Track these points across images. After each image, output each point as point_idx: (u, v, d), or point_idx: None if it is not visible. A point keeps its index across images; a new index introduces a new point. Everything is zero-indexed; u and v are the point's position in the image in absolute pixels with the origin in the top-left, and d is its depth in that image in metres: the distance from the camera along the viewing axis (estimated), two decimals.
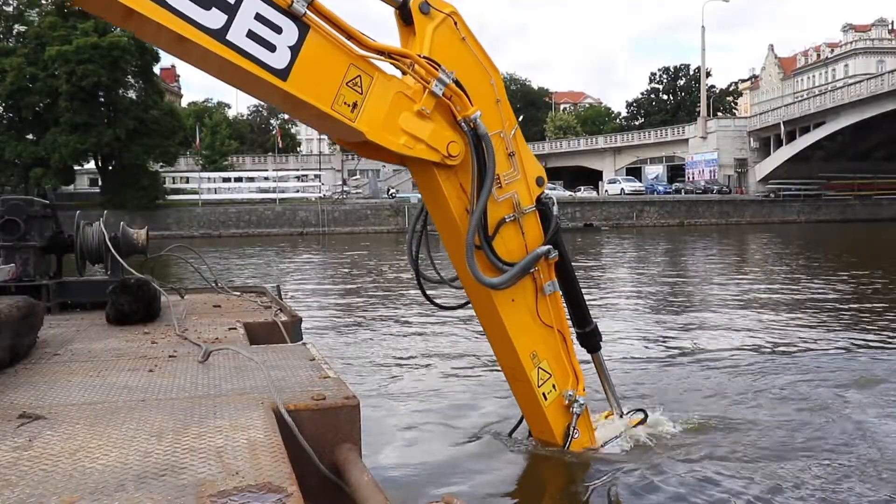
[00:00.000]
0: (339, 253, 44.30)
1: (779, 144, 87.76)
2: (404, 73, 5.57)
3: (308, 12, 5.00)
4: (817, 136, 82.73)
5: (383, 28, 6.48)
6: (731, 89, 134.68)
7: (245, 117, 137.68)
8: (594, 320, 7.47)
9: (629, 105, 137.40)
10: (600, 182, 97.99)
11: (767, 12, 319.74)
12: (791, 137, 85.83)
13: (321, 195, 78.35)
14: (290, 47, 5.00)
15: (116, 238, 7.15)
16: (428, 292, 7.12)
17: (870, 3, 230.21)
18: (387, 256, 40.68)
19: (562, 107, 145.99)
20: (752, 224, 78.54)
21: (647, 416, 7.96)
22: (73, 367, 4.57)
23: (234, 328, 5.94)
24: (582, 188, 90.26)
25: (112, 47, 61.61)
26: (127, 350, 5.10)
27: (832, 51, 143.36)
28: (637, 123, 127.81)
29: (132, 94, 68.84)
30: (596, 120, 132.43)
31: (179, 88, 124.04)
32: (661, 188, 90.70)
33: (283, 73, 4.98)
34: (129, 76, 68.00)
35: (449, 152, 5.73)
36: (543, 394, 6.86)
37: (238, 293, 8.23)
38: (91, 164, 72.76)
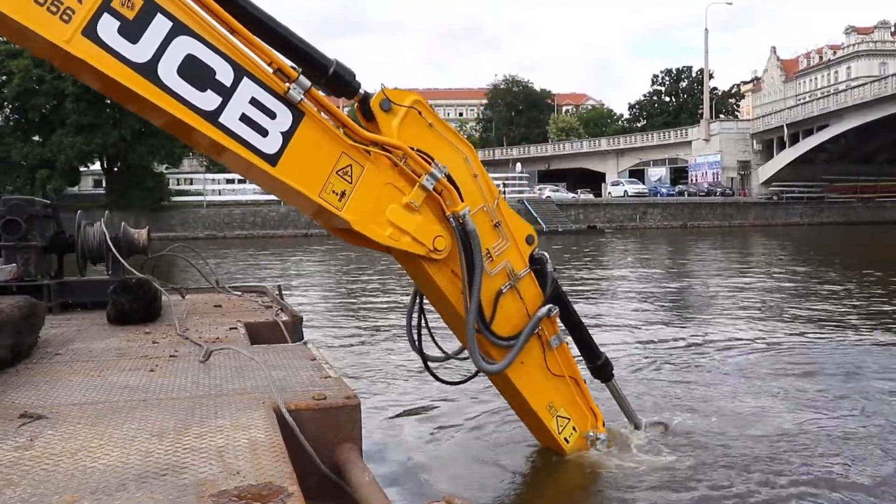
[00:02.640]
0: (343, 254, 44.31)
1: (782, 147, 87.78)
2: (395, 165, 5.50)
3: (304, 99, 4.96)
4: (820, 138, 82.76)
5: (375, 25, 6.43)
6: (733, 91, 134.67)
7: None
8: (602, 352, 7.47)
9: (631, 107, 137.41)
10: (603, 184, 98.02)
11: (769, 14, 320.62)
12: (794, 140, 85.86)
13: None
14: (282, 133, 4.95)
15: (117, 238, 7.15)
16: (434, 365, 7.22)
17: (872, 5, 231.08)
18: (388, 259, 40.61)
19: (564, 108, 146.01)
20: (755, 226, 78.52)
21: (666, 428, 8.00)
22: (75, 366, 4.57)
23: (235, 328, 5.94)
24: (579, 191, 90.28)
25: None
26: (128, 350, 5.11)
27: (834, 53, 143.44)
28: (639, 125, 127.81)
29: None
30: (598, 122, 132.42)
31: None
32: (664, 190, 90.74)
33: (273, 159, 4.93)
34: None
35: (435, 246, 5.68)
36: (565, 438, 6.95)
37: (239, 293, 8.23)
38: (96, 166, 72.94)
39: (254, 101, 4.84)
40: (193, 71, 4.61)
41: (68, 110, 63.14)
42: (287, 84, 4.88)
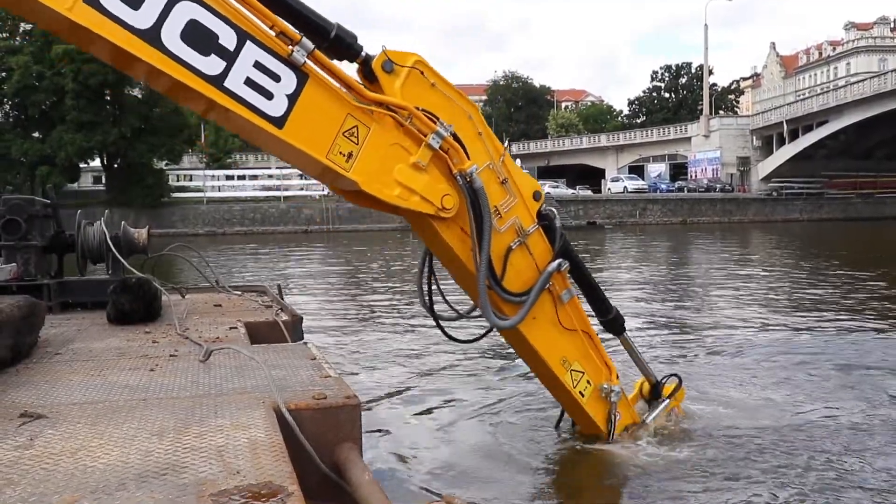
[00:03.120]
0: (343, 251, 44.32)
1: (781, 143, 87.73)
2: (401, 125, 5.54)
3: (307, 61, 5.00)
4: (820, 134, 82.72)
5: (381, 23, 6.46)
6: (732, 87, 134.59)
7: None
8: (613, 306, 7.58)
9: (631, 103, 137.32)
10: (603, 180, 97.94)
11: (768, 10, 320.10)
12: (794, 136, 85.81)
13: (325, 193, 78.36)
14: (287, 96, 4.99)
15: (117, 237, 7.15)
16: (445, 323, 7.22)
17: (871, 1, 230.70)
18: (389, 255, 40.69)
19: (563, 104, 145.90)
20: (754, 222, 78.50)
21: (681, 381, 8.11)
22: (75, 366, 4.58)
23: (235, 327, 5.95)
24: (578, 187, 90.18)
25: None
26: (128, 349, 5.11)
27: (834, 49, 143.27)
28: (639, 121, 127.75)
29: (138, 93, 69.00)
30: (598, 118, 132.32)
31: None
32: (663, 186, 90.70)
33: (279, 122, 4.98)
34: None
35: (443, 205, 5.74)
36: (580, 392, 7.04)
37: (239, 292, 8.24)
38: (96, 163, 72.89)
39: (258, 65, 4.89)
40: (196, 36, 4.66)
41: (68, 107, 63.11)
42: (290, 47, 4.93)
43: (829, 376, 10.46)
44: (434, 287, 7.02)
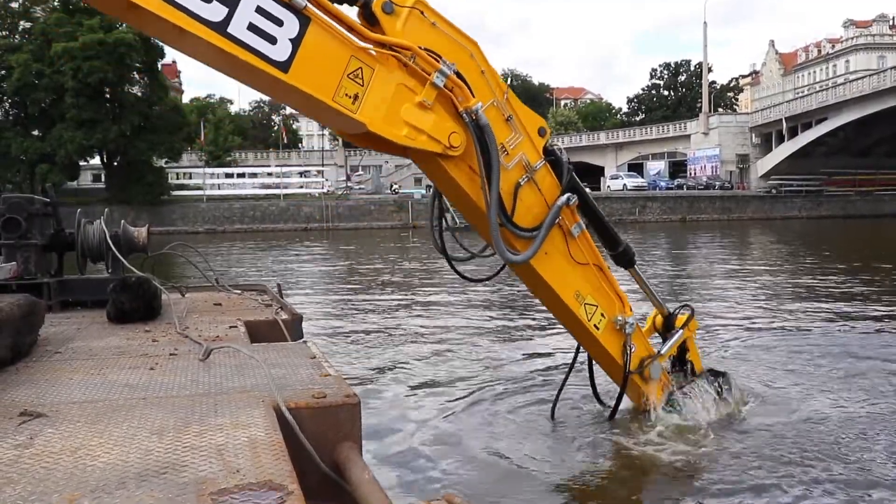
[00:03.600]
0: (343, 249, 44.31)
1: (780, 140, 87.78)
2: (405, 65, 5.58)
3: (308, 4, 5.03)
4: (819, 132, 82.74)
5: None
6: (732, 85, 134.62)
7: (247, 113, 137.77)
8: (623, 239, 7.74)
9: (630, 101, 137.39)
10: (602, 178, 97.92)
11: (768, 7, 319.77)
12: (793, 133, 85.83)
13: (324, 191, 78.45)
14: (290, 40, 5.01)
15: (117, 236, 7.15)
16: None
17: None
18: (389, 252, 40.67)
19: (562, 102, 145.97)
20: (753, 220, 78.53)
21: (693, 312, 8.28)
22: (74, 365, 4.57)
23: (235, 326, 5.94)
24: None
25: (118, 44, 61.83)
26: (128, 348, 5.11)
27: (833, 46, 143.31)
28: (638, 119, 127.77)
29: (137, 91, 69.06)
30: (597, 116, 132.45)
31: (181, 84, 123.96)
32: (663, 184, 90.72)
33: (284, 66, 5.01)
34: (135, 72, 68.22)
35: (451, 143, 5.79)
36: (595, 325, 7.18)
37: (239, 291, 8.22)
38: (95, 160, 72.97)
39: (259, 10, 4.91)
40: None
41: (68, 105, 63.23)
42: None
43: (838, 369, 10.72)
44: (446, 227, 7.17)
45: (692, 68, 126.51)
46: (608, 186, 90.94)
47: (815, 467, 6.97)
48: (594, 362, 8.02)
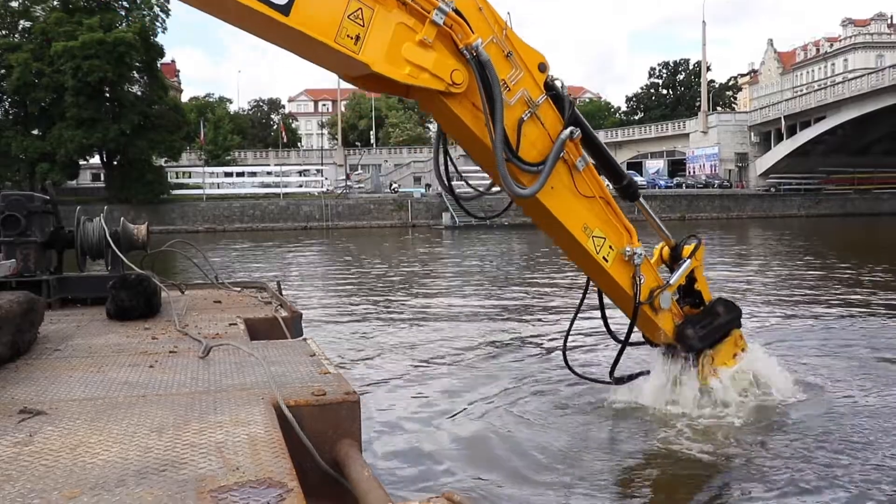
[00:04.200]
0: (342, 247, 44.29)
1: (779, 139, 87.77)
2: (403, 4, 5.65)
3: None
4: (818, 130, 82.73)
5: None
6: (730, 84, 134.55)
7: (246, 112, 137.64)
8: (627, 173, 7.88)
9: (629, 100, 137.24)
10: (601, 176, 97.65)
11: (766, 6, 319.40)
12: (791, 132, 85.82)
13: (324, 190, 78.45)
14: None
15: (116, 234, 7.15)
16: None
17: None
18: (388, 251, 40.66)
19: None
20: (752, 218, 78.53)
21: (700, 241, 8.44)
22: (74, 362, 4.57)
23: (235, 324, 5.93)
24: None
25: (117, 43, 61.78)
26: (127, 345, 5.10)
27: (831, 45, 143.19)
28: (637, 118, 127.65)
29: (137, 90, 69.04)
30: (596, 115, 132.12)
31: (179, 83, 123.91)
32: (662, 182, 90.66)
33: (285, 9, 5.07)
34: (134, 72, 68.20)
35: (453, 80, 5.86)
36: (604, 257, 7.31)
37: (238, 289, 8.22)
38: (95, 160, 72.95)
39: None
40: None
41: (68, 104, 63.20)
42: None
43: (853, 363, 10.88)
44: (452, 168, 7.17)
45: (691, 67, 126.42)
46: (607, 185, 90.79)
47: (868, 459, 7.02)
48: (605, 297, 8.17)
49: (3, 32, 69.93)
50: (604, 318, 8.44)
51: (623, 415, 8.31)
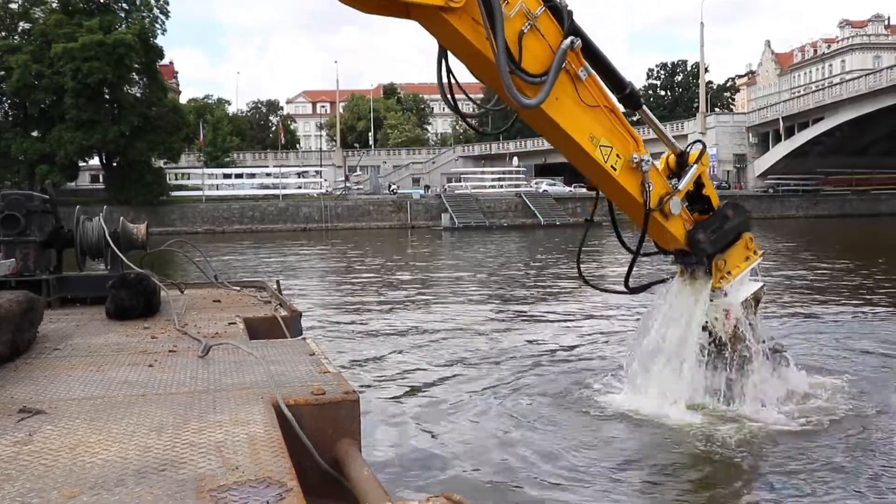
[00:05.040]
0: (342, 248, 44.29)
1: (777, 140, 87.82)
2: None
3: None
4: (816, 131, 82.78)
5: None
6: (728, 85, 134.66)
7: (244, 114, 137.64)
8: (629, 81, 7.78)
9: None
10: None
11: (764, 7, 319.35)
12: (790, 133, 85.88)
13: (323, 191, 78.49)
14: None
15: (116, 233, 7.14)
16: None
17: None
18: (387, 252, 40.67)
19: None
20: (751, 219, 78.35)
21: (704, 146, 8.54)
22: (73, 361, 4.56)
23: (234, 323, 5.93)
24: (574, 185, 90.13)
25: (117, 44, 61.83)
26: (127, 345, 5.10)
27: (829, 46, 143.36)
28: (635, 119, 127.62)
29: (136, 91, 69.08)
30: None
31: (178, 85, 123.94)
32: None
33: None
34: (134, 73, 68.24)
35: None
36: (612, 166, 7.36)
37: (238, 288, 8.22)
38: (94, 161, 72.96)
39: None
40: None
41: (68, 105, 63.23)
42: None
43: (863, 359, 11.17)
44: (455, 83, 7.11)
45: (689, 68, 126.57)
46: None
47: None
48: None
49: (3, 34, 69.92)
50: (615, 228, 8.61)
51: (623, 416, 8.31)
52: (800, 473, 6.72)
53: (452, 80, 6.94)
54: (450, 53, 6.78)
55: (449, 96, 6.99)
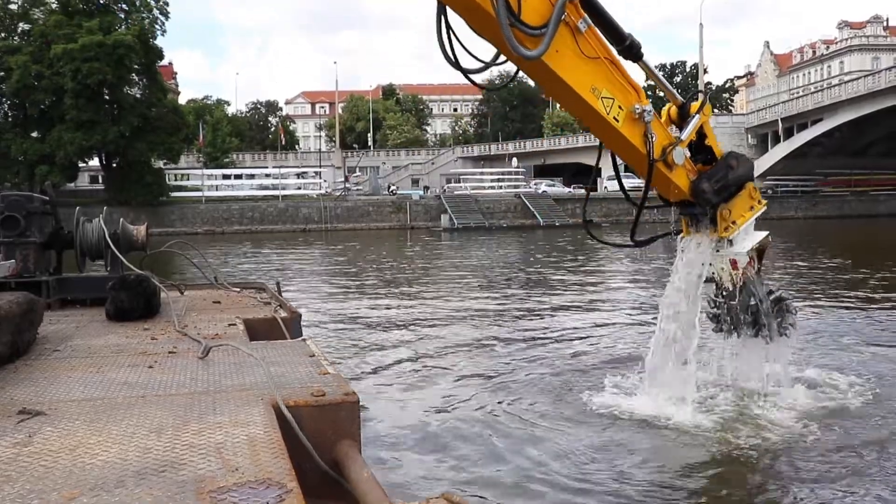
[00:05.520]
0: (341, 249, 44.27)
1: (776, 141, 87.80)
2: None
3: None
4: (815, 132, 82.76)
5: None
6: (727, 86, 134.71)
7: (244, 114, 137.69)
8: (628, 32, 7.72)
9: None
10: (599, 179, 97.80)
11: (764, 7, 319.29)
12: (789, 134, 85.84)
13: (322, 192, 78.47)
14: None
15: (116, 234, 7.15)
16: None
17: (865, 1, 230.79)
18: (386, 253, 40.66)
19: (558, 104, 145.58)
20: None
21: (706, 95, 8.59)
22: (73, 363, 4.57)
23: (234, 324, 5.93)
24: (573, 186, 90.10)
25: (117, 45, 61.77)
26: (126, 346, 5.10)
27: (827, 47, 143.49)
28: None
29: (136, 92, 69.07)
30: None
31: (177, 86, 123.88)
32: None
33: None
34: (134, 74, 68.22)
35: None
36: (614, 118, 7.37)
37: (238, 289, 8.22)
38: (93, 162, 72.92)
39: None
40: None
41: (67, 106, 63.17)
42: None
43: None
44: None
45: (688, 69, 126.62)
46: (605, 187, 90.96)
47: None
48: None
49: (3, 35, 69.89)
50: (619, 181, 8.73)
51: (623, 417, 8.30)
52: (817, 475, 6.71)
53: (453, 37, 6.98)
54: (449, 10, 6.81)
55: (450, 52, 7.00)
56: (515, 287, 23.41)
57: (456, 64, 7.01)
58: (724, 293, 8.66)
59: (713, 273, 8.59)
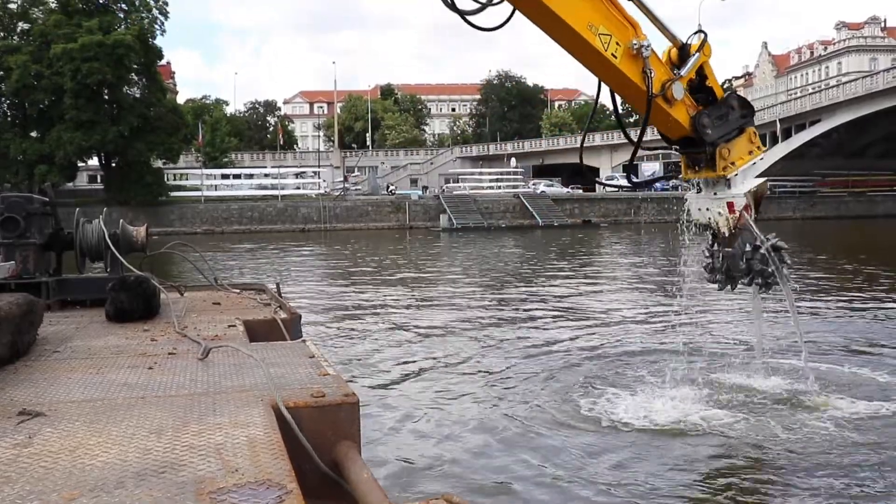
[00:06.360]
0: (341, 249, 44.27)
1: (774, 141, 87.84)
2: None
3: None
4: (813, 133, 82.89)
5: None
6: (725, 87, 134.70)
7: (242, 114, 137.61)
8: None
9: (624, 102, 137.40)
10: (597, 178, 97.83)
11: (763, 8, 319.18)
12: (787, 135, 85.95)
13: (321, 192, 78.48)
14: None
15: (116, 235, 7.15)
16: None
17: (863, 1, 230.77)
18: (386, 253, 40.65)
19: (556, 104, 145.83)
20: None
21: (706, 35, 8.43)
22: (73, 364, 4.57)
23: (234, 325, 5.93)
24: (571, 186, 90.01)
25: (116, 45, 61.81)
26: (126, 347, 5.10)
27: (825, 48, 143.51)
28: (632, 120, 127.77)
29: (136, 92, 69.08)
30: None
31: (175, 85, 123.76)
32: (658, 185, 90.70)
33: None
34: (133, 74, 68.22)
35: None
36: (612, 54, 7.37)
37: (238, 290, 8.22)
38: (92, 162, 72.94)
39: None
40: None
41: (67, 106, 63.21)
42: None
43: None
44: None
45: None
46: (604, 188, 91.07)
47: None
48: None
49: (2, 35, 69.88)
50: (617, 117, 8.92)
51: (622, 418, 8.31)
52: (831, 477, 6.73)
53: None
54: None
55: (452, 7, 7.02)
56: (514, 288, 23.41)
57: (452, 6, 7.02)
58: (720, 242, 8.65)
59: (710, 219, 8.57)
